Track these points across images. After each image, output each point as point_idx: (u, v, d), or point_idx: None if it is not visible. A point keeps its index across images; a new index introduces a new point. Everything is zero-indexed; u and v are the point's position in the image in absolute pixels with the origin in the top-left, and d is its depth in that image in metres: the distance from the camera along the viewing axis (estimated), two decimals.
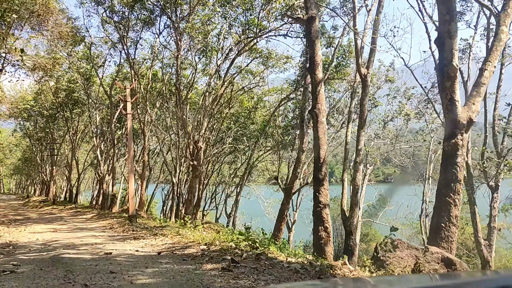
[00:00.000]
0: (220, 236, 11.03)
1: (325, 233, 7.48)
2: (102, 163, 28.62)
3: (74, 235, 15.18)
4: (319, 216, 7.51)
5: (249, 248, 8.21)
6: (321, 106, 7.78)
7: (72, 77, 31.03)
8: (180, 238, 11.52)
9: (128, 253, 8.90)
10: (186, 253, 8.26)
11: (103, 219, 21.16)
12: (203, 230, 13.46)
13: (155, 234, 13.54)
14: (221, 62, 21.11)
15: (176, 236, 12.25)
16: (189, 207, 20.12)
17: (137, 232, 14.79)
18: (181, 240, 10.69)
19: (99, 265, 7.11)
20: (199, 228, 13.44)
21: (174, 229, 14.43)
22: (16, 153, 59.59)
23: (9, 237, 15.24)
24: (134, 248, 9.94)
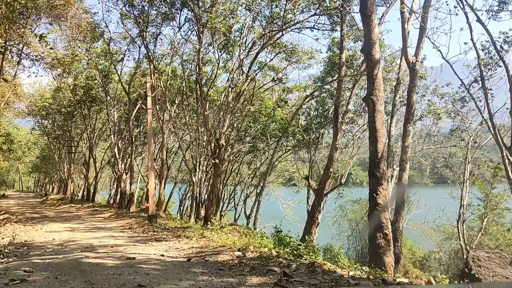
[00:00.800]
0: (250, 240, 9.89)
1: (384, 240, 6.31)
2: (120, 161, 27.82)
3: (92, 235, 14.26)
4: (377, 221, 6.35)
5: (292, 257, 7.06)
6: (379, 92, 6.63)
7: (90, 73, 30.36)
8: (207, 241, 10.45)
9: (154, 259, 7.85)
10: (220, 260, 7.17)
11: (121, 219, 20.28)
12: (229, 232, 12.37)
13: (178, 235, 12.51)
14: (244, 56, 20.02)
15: (202, 238, 11.19)
16: (210, 207, 19.07)
17: (158, 233, 13.79)
18: (208, 244, 9.61)
19: (123, 274, 6.06)
20: (225, 230, 12.35)
21: (197, 231, 13.39)
22: (35, 151, 59.59)
23: (24, 236, 14.40)
24: (158, 252, 8.89)
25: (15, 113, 33.77)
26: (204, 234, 11.98)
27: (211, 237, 11.24)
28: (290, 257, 7.04)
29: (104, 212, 24.49)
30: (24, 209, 28.59)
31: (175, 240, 11.73)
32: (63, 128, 40.53)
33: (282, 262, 6.18)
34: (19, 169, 68.96)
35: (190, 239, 11.32)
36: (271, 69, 25.09)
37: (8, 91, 20.30)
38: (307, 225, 13.62)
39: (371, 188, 6.61)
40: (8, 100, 23.59)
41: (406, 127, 10.85)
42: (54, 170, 54.50)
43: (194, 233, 12.97)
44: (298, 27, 19.83)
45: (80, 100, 32.12)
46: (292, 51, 23.22)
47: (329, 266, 6.02)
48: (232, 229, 13.13)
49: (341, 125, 13.13)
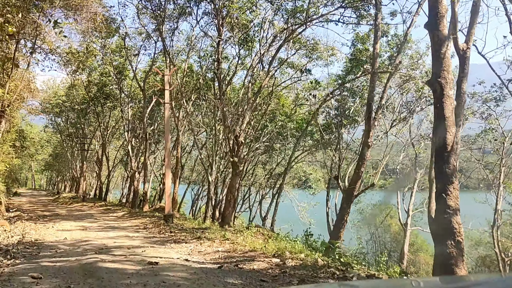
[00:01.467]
0: (282, 244, 8.84)
1: (457, 250, 5.24)
2: (133, 159, 26.99)
3: (105, 235, 13.35)
4: (447, 226, 5.28)
5: (336, 264, 5.97)
6: (448, 74, 5.58)
7: (105, 70, 29.65)
8: (232, 244, 9.43)
9: (178, 264, 6.86)
10: (257, 268, 6.16)
11: (135, 218, 19.38)
12: (253, 235, 11.34)
13: (197, 237, 11.51)
14: (264, 50, 19.03)
15: (225, 241, 10.17)
16: (228, 208, 18.06)
17: (176, 234, 12.81)
18: (235, 248, 8.59)
19: (148, 285, 5.08)
20: (249, 232, 11.33)
21: (218, 232, 12.38)
22: (47, 149, 59.25)
23: (35, 235, 13.55)
24: (181, 256, 7.91)
25: (28, 109, 33.14)
26: (227, 236, 10.96)
27: (236, 239, 10.23)
28: (334, 264, 5.97)
29: (117, 211, 23.66)
30: (35, 207, 27.91)
31: (195, 242, 10.74)
32: (76, 125, 39.94)
33: (335, 273, 5.15)
34: (32, 167, 68.78)
35: (213, 241, 10.31)
36: (291, 66, 24.02)
37: (21, 82, 19.52)
38: (335, 229, 12.52)
39: (439, 187, 5.54)
40: (21, 95, 22.83)
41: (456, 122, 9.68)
42: (66, 169, 54.05)
43: (214, 234, 11.96)
44: (322, 20, 18.80)
45: (93, 97, 31.43)
46: (313, 47, 22.15)
47: (384, 277, 4.97)
48: (256, 231, 12.10)
49: (374, 122, 12.02)
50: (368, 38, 20.00)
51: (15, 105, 21.60)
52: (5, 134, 27.68)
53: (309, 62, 23.73)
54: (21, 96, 22.02)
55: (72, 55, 25.09)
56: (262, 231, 12.00)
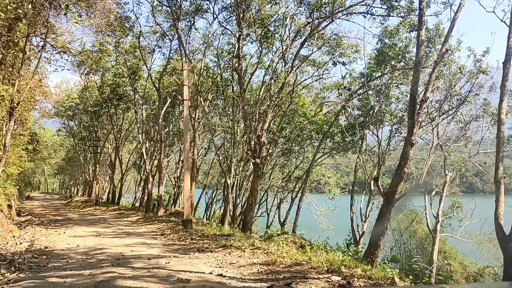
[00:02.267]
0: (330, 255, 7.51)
1: None
2: (148, 162, 25.90)
3: (121, 242, 12.16)
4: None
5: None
6: None
7: (118, 70, 28.72)
8: (266, 255, 8.14)
9: (213, 281, 5.61)
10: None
11: (150, 223, 18.19)
12: (285, 243, 10.03)
13: (223, 245, 10.23)
14: (287, 45, 17.80)
15: (255, 250, 8.89)
16: (250, 212, 16.79)
17: (198, 242, 11.55)
18: (273, 260, 7.29)
19: None
20: (280, 240, 10.02)
21: (245, 240, 11.11)
22: (60, 153, 58.71)
23: (45, 242, 12.42)
24: (213, 270, 6.65)
25: (41, 112, 32.38)
26: (256, 244, 9.67)
27: (268, 249, 8.92)
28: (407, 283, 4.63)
29: (131, 216, 22.52)
30: (47, 211, 26.95)
31: (222, 251, 9.47)
32: (89, 128, 39.11)
33: None
34: (45, 170, 68.38)
35: (242, 250, 9.03)
36: (312, 64, 22.74)
37: (31, 79, 18.53)
38: (374, 237, 11.14)
39: None
40: (32, 95, 21.93)
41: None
42: (79, 172, 53.36)
43: (241, 242, 10.67)
44: (348, 13, 17.53)
45: (107, 99, 30.49)
46: (337, 42, 20.86)
47: None
48: (285, 238, 10.79)
49: (418, 117, 10.65)
50: (398, 32, 18.65)
51: (26, 105, 20.68)
52: (18, 137, 26.89)
53: (331, 59, 22.46)
54: (32, 96, 21.09)
55: (85, 54, 24.18)
56: (293, 239, 10.69)
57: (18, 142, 25.67)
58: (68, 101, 38.92)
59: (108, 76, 30.51)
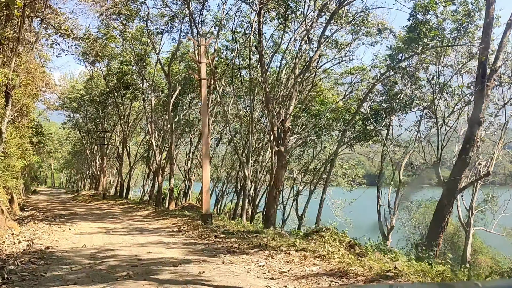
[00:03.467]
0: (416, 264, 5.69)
1: None
2: (157, 153, 24.14)
3: (134, 240, 10.43)
4: None
5: None
6: None
7: (125, 57, 26.90)
8: (324, 261, 6.33)
9: None
10: None
11: (163, 218, 16.48)
12: (332, 242, 8.23)
13: (257, 246, 8.49)
14: (312, 21, 15.89)
15: (304, 253, 7.11)
16: (273, 205, 15.00)
17: (224, 240, 9.80)
18: (341, 268, 5.54)
19: None
20: (327, 239, 8.25)
21: (281, 239, 9.34)
22: (66, 146, 57.14)
23: (47, 240, 10.72)
24: (269, 284, 4.81)
25: (45, 102, 30.70)
26: (299, 245, 7.90)
27: (320, 251, 7.13)
28: None
29: (141, 210, 20.83)
30: (53, 205, 25.33)
31: (258, 253, 7.71)
32: (95, 120, 37.41)
33: None
34: (51, 165, 66.91)
35: (286, 253, 7.27)
36: (334, 44, 20.79)
37: (29, 60, 16.84)
38: (433, 232, 9.35)
39: None
40: (35, 80, 20.19)
41: None
42: (86, 166, 51.79)
43: (277, 241, 8.92)
44: None
45: (113, 88, 28.72)
46: (362, 20, 18.90)
47: None
48: (329, 236, 8.98)
49: (487, 90, 8.78)
50: (434, 5, 16.64)
51: (27, 90, 18.94)
52: (22, 129, 25.28)
53: (355, 39, 20.51)
54: (33, 80, 19.34)
55: (90, 38, 22.37)
56: (336, 236, 8.89)
57: (23, 133, 24.07)
58: (73, 93, 37.22)
59: (114, 64, 28.71)
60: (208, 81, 13.38)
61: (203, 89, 12.59)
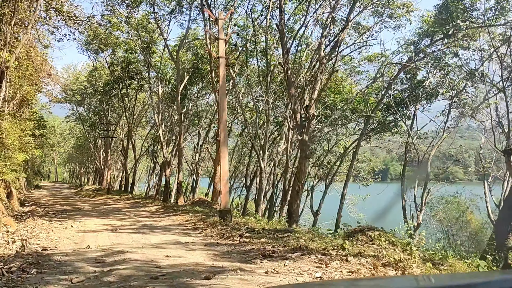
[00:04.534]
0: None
1: None
2: (165, 145, 22.60)
3: (145, 240, 8.93)
4: None
5: None
6: None
7: (130, 45, 25.31)
8: (396, 269, 4.74)
9: None
10: None
11: (173, 214, 14.97)
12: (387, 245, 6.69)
13: (296, 248, 6.99)
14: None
15: (358, 258, 5.56)
16: (296, 200, 13.45)
17: (252, 241, 8.25)
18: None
19: None
20: (381, 241, 6.71)
21: (321, 240, 7.79)
22: (70, 140, 55.63)
23: (45, 240, 9.24)
24: None
25: (47, 94, 29.13)
26: (352, 249, 6.38)
27: (379, 256, 5.57)
28: None
29: (148, 205, 19.35)
30: (55, 200, 23.88)
31: (302, 258, 6.19)
32: (99, 113, 35.86)
33: None
34: (54, 159, 65.44)
35: (342, 260, 5.77)
36: (355, 28, 19.14)
37: (25, 36, 15.35)
38: (502, 227, 7.79)
39: None
40: (35, 65, 18.67)
41: None
42: (89, 161, 50.31)
43: (317, 243, 7.39)
44: None
45: (118, 78, 27.14)
46: (387, 1, 17.27)
47: None
48: (377, 236, 7.45)
49: None
50: None
51: (26, 74, 17.43)
52: (23, 122, 23.87)
53: (378, 22, 18.87)
54: (32, 62, 17.80)
55: (92, 24, 20.78)
56: (387, 237, 7.37)
57: (24, 126, 22.65)
58: (76, 84, 35.69)
59: (119, 53, 27.13)
60: (226, 60, 11.78)
61: (221, 68, 11.00)
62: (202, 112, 28.12)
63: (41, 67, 21.54)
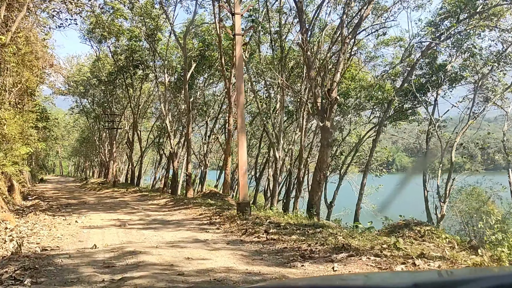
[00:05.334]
0: None
1: None
2: (172, 136, 21.51)
3: (159, 237, 7.87)
4: None
5: None
6: None
7: (134, 33, 24.08)
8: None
9: None
10: None
11: (184, 207, 13.90)
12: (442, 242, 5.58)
13: (338, 247, 5.85)
14: None
15: (424, 259, 4.43)
16: (317, 191, 12.35)
17: (281, 238, 7.14)
18: None
19: None
20: (434, 237, 5.61)
21: (365, 237, 6.69)
22: (74, 134, 54.59)
23: (46, 238, 8.22)
24: None
25: (50, 85, 27.99)
26: (409, 249, 5.24)
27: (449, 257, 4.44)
28: None
29: (156, 198, 18.29)
30: (59, 194, 22.88)
31: (350, 259, 5.14)
32: (103, 105, 34.75)
33: None
34: (59, 153, 64.51)
35: (406, 263, 4.61)
36: (373, 8, 17.82)
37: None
38: None
39: None
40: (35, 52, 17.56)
41: None
42: (94, 154, 49.31)
43: (360, 240, 6.29)
44: None
45: (122, 67, 25.98)
46: None
47: None
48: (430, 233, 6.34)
49: None
50: None
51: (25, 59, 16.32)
52: (26, 114, 22.86)
53: (396, 3, 17.58)
54: (31, 48, 16.67)
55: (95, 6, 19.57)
56: (439, 233, 6.28)
57: (26, 118, 21.62)
58: (79, 75, 34.51)
59: (123, 41, 25.91)
60: (243, 38, 10.59)
61: (238, 47, 9.83)
62: (210, 102, 26.98)
63: (41, 54, 20.43)
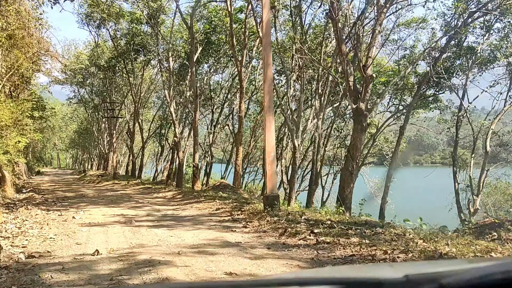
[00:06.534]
0: None
1: None
2: (177, 124, 19.80)
3: (177, 239, 6.22)
4: None
5: None
6: None
7: (135, 14, 22.24)
8: None
9: None
10: None
11: (195, 201, 12.26)
12: None
13: (407, 251, 4.09)
14: None
15: None
16: (350, 183, 10.72)
17: (335, 240, 5.53)
18: None
19: None
20: None
21: (457, 242, 5.00)
22: (72, 125, 52.64)
23: (35, 238, 6.59)
24: None
25: (46, 72, 26.13)
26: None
27: None
28: None
29: (161, 191, 16.63)
30: (56, 186, 21.21)
31: None
32: (102, 94, 32.90)
33: None
34: (56, 145, 62.54)
35: None
36: None
37: (26, 11, 12.68)
38: None
39: None
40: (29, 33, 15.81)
41: None
42: (93, 145, 47.45)
43: (443, 245, 4.60)
44: None
45: (122, 52, 24.16)
46: None
47: None
48: None
49: None
50: None
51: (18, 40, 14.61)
52: (21, 103, 21.15)
53: None
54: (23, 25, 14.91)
55: None
56: None
57: (21, 106, 19.91)
58: (77, 63, 32.59)
59: (123, 24, 24.05)
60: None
61: (265, 10, 8.11)
62: (216, 89, 25.21)
63: (36, 36, 18.63)
